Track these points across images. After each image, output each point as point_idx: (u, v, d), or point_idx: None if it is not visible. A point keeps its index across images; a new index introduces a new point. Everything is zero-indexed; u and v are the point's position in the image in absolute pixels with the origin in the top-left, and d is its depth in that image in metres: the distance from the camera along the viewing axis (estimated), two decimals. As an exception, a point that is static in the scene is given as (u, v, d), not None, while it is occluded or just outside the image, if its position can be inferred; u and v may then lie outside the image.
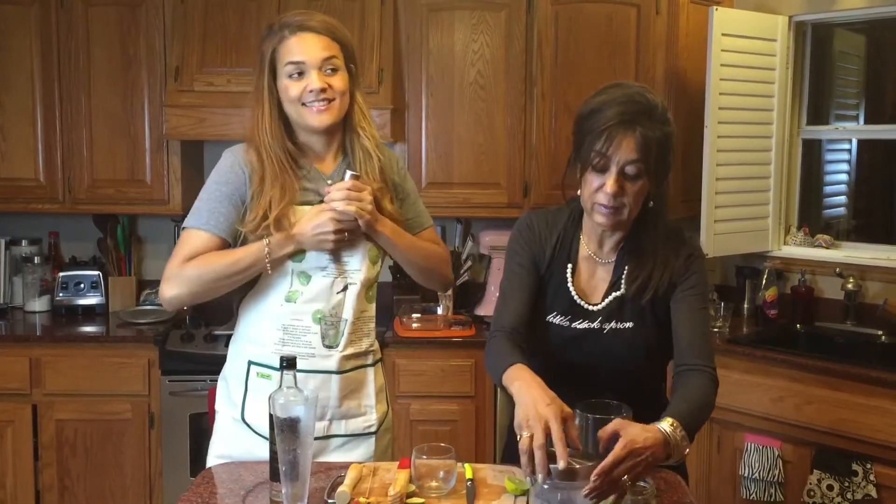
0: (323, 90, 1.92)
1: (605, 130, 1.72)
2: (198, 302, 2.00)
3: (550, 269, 1.93)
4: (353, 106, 2.02)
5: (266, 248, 1.93)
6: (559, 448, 1.50)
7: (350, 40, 2.01)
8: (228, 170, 1.98)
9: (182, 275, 1.94)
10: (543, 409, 1.55)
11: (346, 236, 1.95)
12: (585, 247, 1.93)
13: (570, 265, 1.92)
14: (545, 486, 1.46)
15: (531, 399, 1.59)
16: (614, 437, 1.55)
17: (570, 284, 1.90)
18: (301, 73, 1.93)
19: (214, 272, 1.93)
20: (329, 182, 2.01)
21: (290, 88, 1.93)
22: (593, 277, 1.92)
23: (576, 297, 1.89)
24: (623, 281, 1.88)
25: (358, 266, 2.02)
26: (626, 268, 1.88)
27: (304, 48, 1.93)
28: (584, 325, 1.87)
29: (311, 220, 1.92)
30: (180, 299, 1.97)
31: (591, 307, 1.89)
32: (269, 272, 1.96)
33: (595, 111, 1.76)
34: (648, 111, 1.73)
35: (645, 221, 1.86)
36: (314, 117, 1.95)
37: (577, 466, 1.41)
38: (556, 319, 1.90)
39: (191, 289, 1.95)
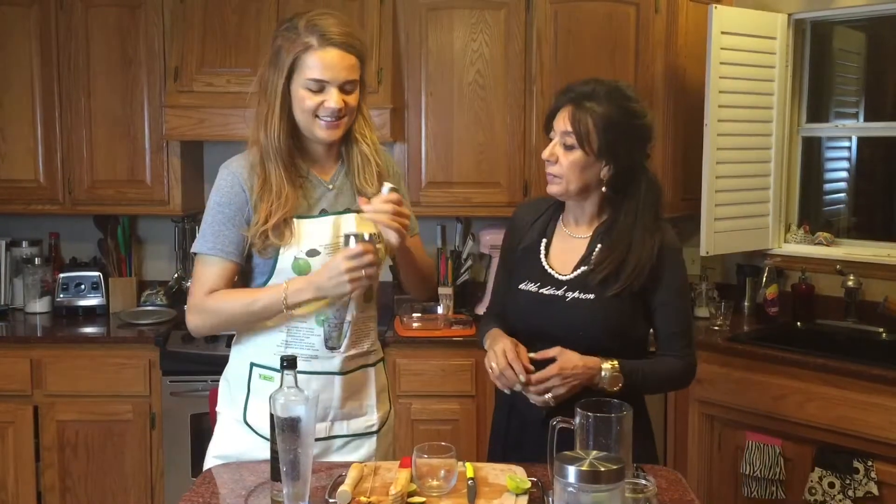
0: (339, 109, 1.93)
1: (555, 108, 2.00)
2: (222, 332, 2.04)
3: (526, 246, 2.10)
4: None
5: (283, 295, 1.92)
6: (516, 365, 1.87)
7: (367, 50, 2.01)
8: (229, 190, 1.97)
9: (204, 308, 1.98)
10: (501, 342, 1.95)
11: (364, 276, 1.89)
12: (563, 226, 2.09)
13: (544, 240, 2.08)
14: (571, 490, 1.44)
15: (493, 342, 1.98)
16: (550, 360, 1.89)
17: (542, 256, 2.06)
18: (321, 90, 1.92)
19: (232, 311, 1.97)
20: (330, 187, 2.02)
21: (307, 100, 1.92)
22: (566, 252, 2.05)
23: (546, 267, 2.05)
24: (593, 258, 1.99)
25: None
26: (598, 246, 2.00)
27: (330, 66, 1.90)
28: (551, 291, 2.01)
29: (328, 270, 1.89)
30: (202, 330, 2.05)
31: (560, 276, 2.02)
32: (288, 314, 1.96)
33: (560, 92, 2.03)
34: (589, 94, 1.95)
35: (621, 206, 2.00)
36: (324, 132, 1.95)
37: (602, 470, 1.41)
38: (527, 286, 2.05)
39: (211, 322, 2.01)
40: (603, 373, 1.90)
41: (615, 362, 1.91)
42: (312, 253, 1.97)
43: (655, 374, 2.00)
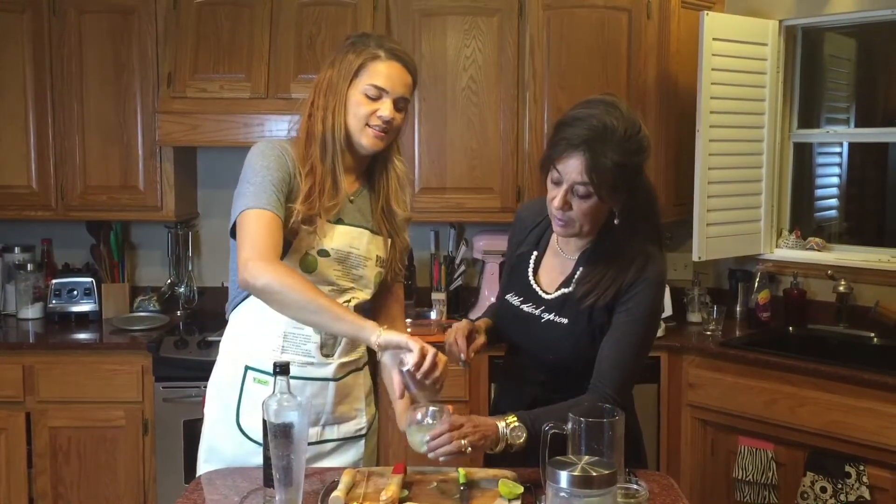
0: (388, 121, 1.97)
1: (561, 148, 1.81)
2: (275, 308, 1.88)
3: (521, 253, 2.06)
4: None
5: (379, 334, 1.79)
6: (454, 348, 1.91)
7: (417, 82, 2.07)
8: (276, 159, 1.96)
9: (274, 276, 1.81)
10: (466, 322, 2.01)
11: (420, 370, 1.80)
12: (555, 240, 2.03)
13: (535, 252, 2.04)
14: (563, 495, 1.44)
15: (467, 322, 2.03)
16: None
17: (529, 270, 2.03)
18: (378, 98, 1.97)
19: (303, 306, 1.82)
20: (351, 199, 2.04)
21: (362, 106, 1.96)
22: (554, 270, 2.01)
23: (532, 283, 2.01)
24: (574, 281, 1.96)
25: (362, 287, 2.07)
26: (581, 269, 1.96)
27: (391, 77, 1.98)
28: (530, 309, 1.99)
29: (419, 341, 1.79)
30: (268, 288, 1.83)
31: (543, 295, 1.99)
32: (379, 352, 1.81)
33: (562, 125, 1.84)
34: (604, 137, 1.78)
35: (612, 233, 1.92)
36: (370, 140, 1.98)
37: (594, 475, 1.41)
38: (512, 299, 2.03)
39: (272, 291, 1.83)
40: (501, 430, 1.79)
41: (512, 417, 1.80)
42: (323, 253, 1.99)
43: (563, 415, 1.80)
